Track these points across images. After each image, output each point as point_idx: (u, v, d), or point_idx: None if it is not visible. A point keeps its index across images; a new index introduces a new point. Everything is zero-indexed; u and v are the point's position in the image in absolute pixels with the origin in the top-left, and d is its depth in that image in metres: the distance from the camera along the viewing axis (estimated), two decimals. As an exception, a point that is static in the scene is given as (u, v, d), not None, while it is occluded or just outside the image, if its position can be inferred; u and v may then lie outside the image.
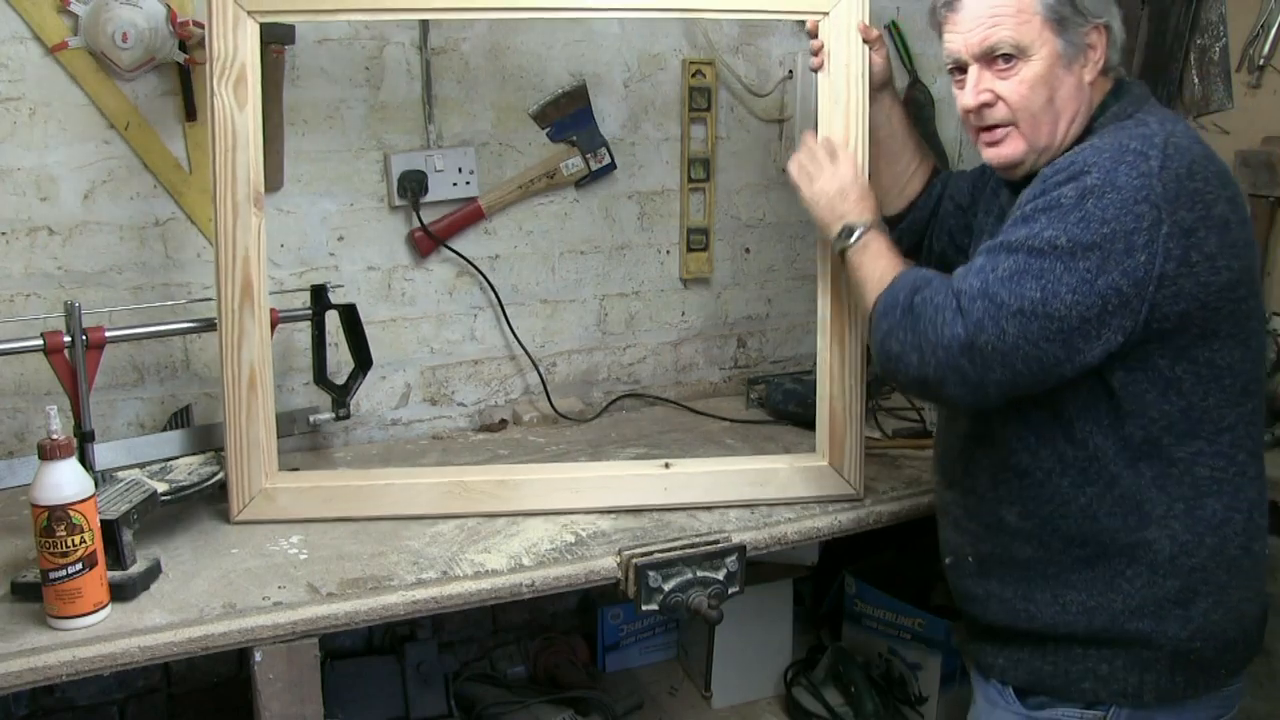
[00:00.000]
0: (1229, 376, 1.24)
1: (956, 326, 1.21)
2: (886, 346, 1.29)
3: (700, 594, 1.54)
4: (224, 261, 1.62)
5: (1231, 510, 1.26)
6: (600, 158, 2.22)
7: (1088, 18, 1.29)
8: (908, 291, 1.29)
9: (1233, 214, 1.21)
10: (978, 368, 1.20)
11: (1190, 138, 1.24)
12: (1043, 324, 1.17)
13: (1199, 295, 1.18)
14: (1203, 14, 2.03)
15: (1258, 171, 1.92)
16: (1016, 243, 1.21)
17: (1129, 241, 1.15)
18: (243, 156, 1.60)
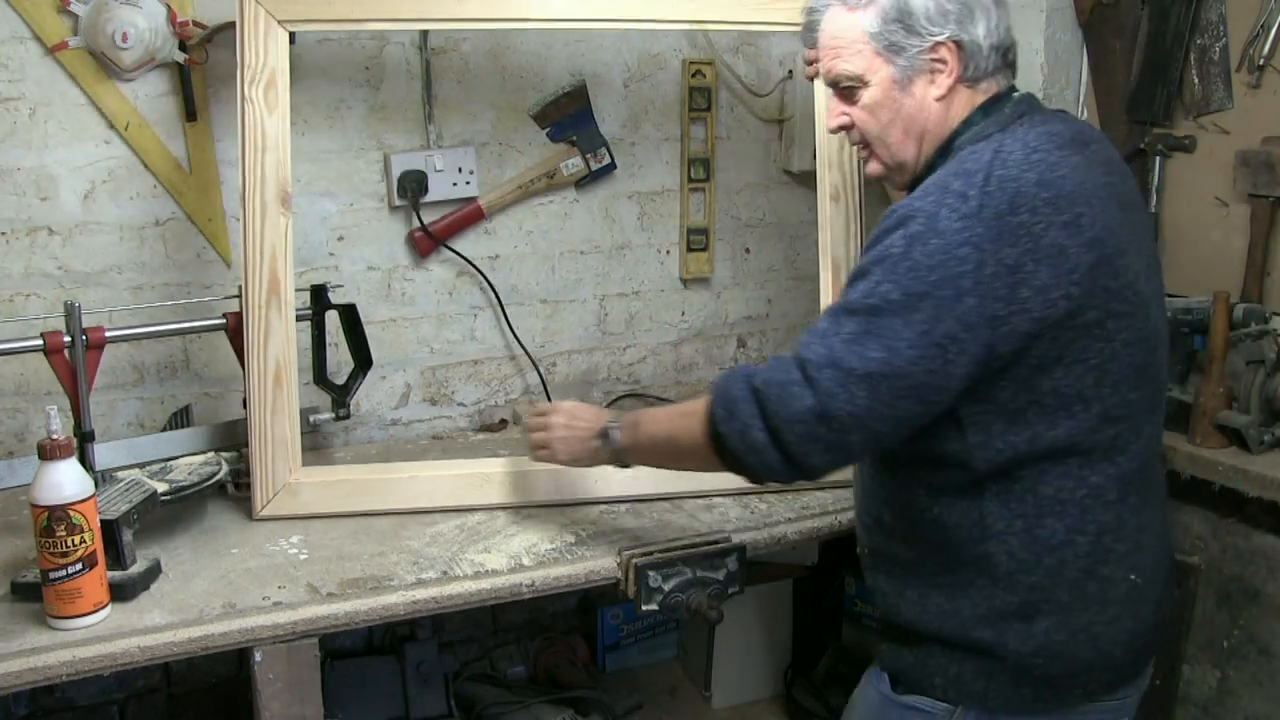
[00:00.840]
0: (1079, 403, 1.21)
1: (806, 399, 1.18)
2: (747, 442, 1.23)
3: (700, 594, 1.54)
4: (252, 259, 1.64)
5: (1074, 533, 1.24)
6: (600, 158, 2.22)
7: (925, 37, 1.27)
8: (741, 384, 1.25)
9: (1070, 238, 1.17)
10: (836, 433, 1.19)
11: (1023, 165, 1.19)
12: (892, 384, 1.16)
13: (1033, 330, 1.16)
14: (1203, 14, 2.02)
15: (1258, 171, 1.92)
16: (855, 303, 1.19)
17: (956, 286, 1.14)
18: (272, 158, 1.64)
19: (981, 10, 1.28)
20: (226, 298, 1.88)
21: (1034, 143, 1.22)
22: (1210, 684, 1.92)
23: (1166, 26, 2.07)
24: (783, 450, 1.21)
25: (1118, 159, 1.33)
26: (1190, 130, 2.08)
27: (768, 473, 1.25)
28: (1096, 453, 1.23)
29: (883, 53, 1.29)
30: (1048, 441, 1.22)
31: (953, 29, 1.27)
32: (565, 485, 1.73)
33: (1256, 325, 1.84)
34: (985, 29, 1.28)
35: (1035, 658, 1.26)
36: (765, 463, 1.23)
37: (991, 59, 1.29)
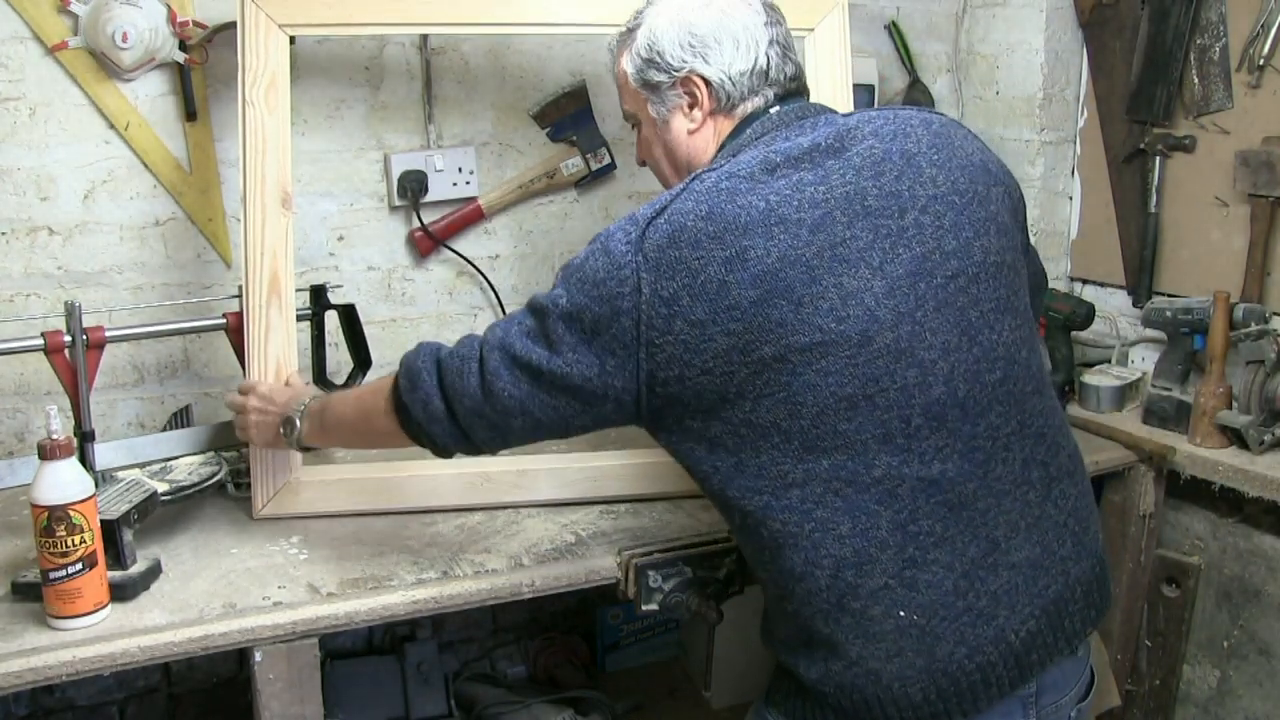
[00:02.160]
0: (778, 435, 1.17)
1: (476, 376, 1.25)
2: (428, 411, 1.29)
3: (700, 594, 1.54)
4: (252, 259, 1.65)
5: (811, 567, 1.19)
6: (600, 158, 2.22)
7: (671, 73, 1.32)
8: (427, 357, 1.31)
9: (731, 273, 1.14)
10: (499, 414, 1.24)
11: (701, 196, 1.17)
12: (552, 380, 1.20)
13: (694, 361, 1.16)
14: (1203, 14, 2.03)
15: (1257, 171, 1.92)
16: (539, 301, 1.23)
17: (613, 306, 1.17)
18: (272, 159, 1.64)
19: (729, 39, 1.29)
20: (226, 298, 1.89)
21: (738, 169, 1.20)
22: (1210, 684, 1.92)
23: (1166, 26, 2.07)
24: (455, 422, 1.28)
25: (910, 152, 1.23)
26: (1190, 130, 2.08)
27: (447, 441, 1.31)
28: (815, 484, 1.18)
29: (643, 91, 1.36)
30: (755, 470, 1.20)
31: (696, 63, 1.30)
32: (568, 485, 1.72)
33: (1256, 325, 1.84)
34: (733, 57, 1.29)
35: (823, 686, 1.23)
36: (443, 431, 1.30)
37: (744, 84, 1.30)
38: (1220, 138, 2.03)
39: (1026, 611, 1.22)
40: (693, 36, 1.30)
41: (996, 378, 1.22)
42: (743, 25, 1.30)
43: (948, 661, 1.20)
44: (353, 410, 1.46)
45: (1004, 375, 1.23)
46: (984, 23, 2.42)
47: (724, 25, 1.30)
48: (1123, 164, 2.20)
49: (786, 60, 1.33)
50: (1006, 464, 1.23)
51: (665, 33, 1.32)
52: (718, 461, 1.22)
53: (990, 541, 1.21)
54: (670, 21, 1.32)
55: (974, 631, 1.20)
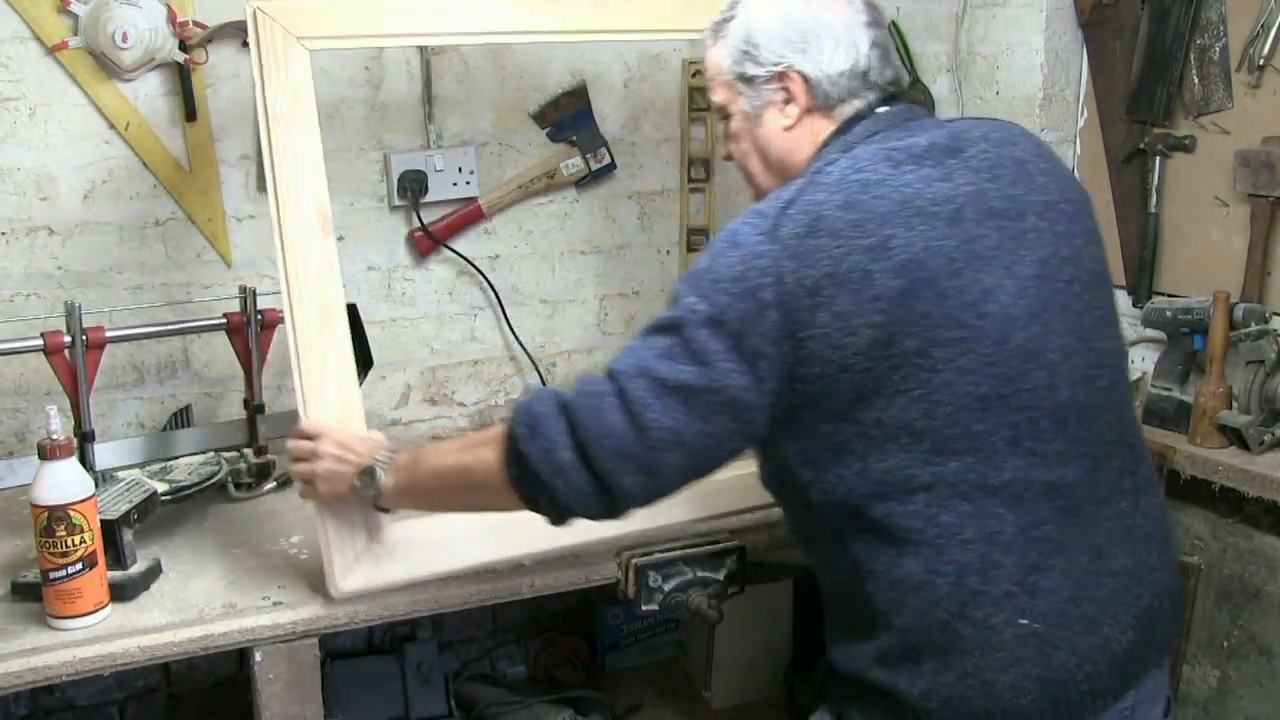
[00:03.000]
0: (908, 436, 1.13)
1: (619, 411, 1.12)
2: (553, 462, 1.14)
3: (700, 594, 1.54)
4: (298, 289, 1.47)
5: (932, 574, 1.15)
6: (600, 158, 2.22)
7: (768, 67, 1.27)
8: (547, 401, 1.17)
9: (875, 262, 1.11)
10: (650, 450, 1.13)
11: (834, 187, 1.15)
12: (706, 398, 1.12)
13: (835, 358, 1.11)
14: (1203, 14, 2.02)
15: (1257, 171, 1.92)
16: (665, 320, 1.15)
17: (758, 299, 1.11)
18: (306, 178, 1.50)
19: (829, 37, 1.26)
20: (227, 298, 1.89)
21: (862, 163, 1.18)
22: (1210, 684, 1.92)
23: (1166, 26, 2.07)
24: (592, 470, 1.13)
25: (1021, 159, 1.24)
26: (1190, 130, 2.08)
27: (574, 499, 1.16)
28: (942, 488, 1.15)
29: (736, 84, 1.31)
30: (880, 474, 1.15)
31: (795, 59, 1.26)
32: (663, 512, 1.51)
33: (1256, 325, 1.84)
34: (833, 56, 1.26)
35: (927, 701, 1.17)
36: (572, 486, 1.14)
37: (844, 84, 1.27)
38: (1220, 138, 2.03)
39: (1125, 621, 1.20)
40: (792, 30, 1.26)
41: (1105, 384, 1.22)
42: (843, 23, 1.26)
43: (1061, 670, 1.16)
44: (451, 464, 1.29)
45: (1110, 383, 1.23)
46: (984, 23, 2.42)
47: (823, 21, 1.26)
48: (1123, 164, 2.20)
49: (886, 64, 1.29)
50: (1108, 472, 1.22)
51: (763, 25, 1.28)
52: (843, 469, 1.16)
53: (1095, 549, 1.19)
54: (769, 14, 1.28)
55: (1084, 640, 1.17)
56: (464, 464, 1.27)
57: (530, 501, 1.19)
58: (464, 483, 1.27)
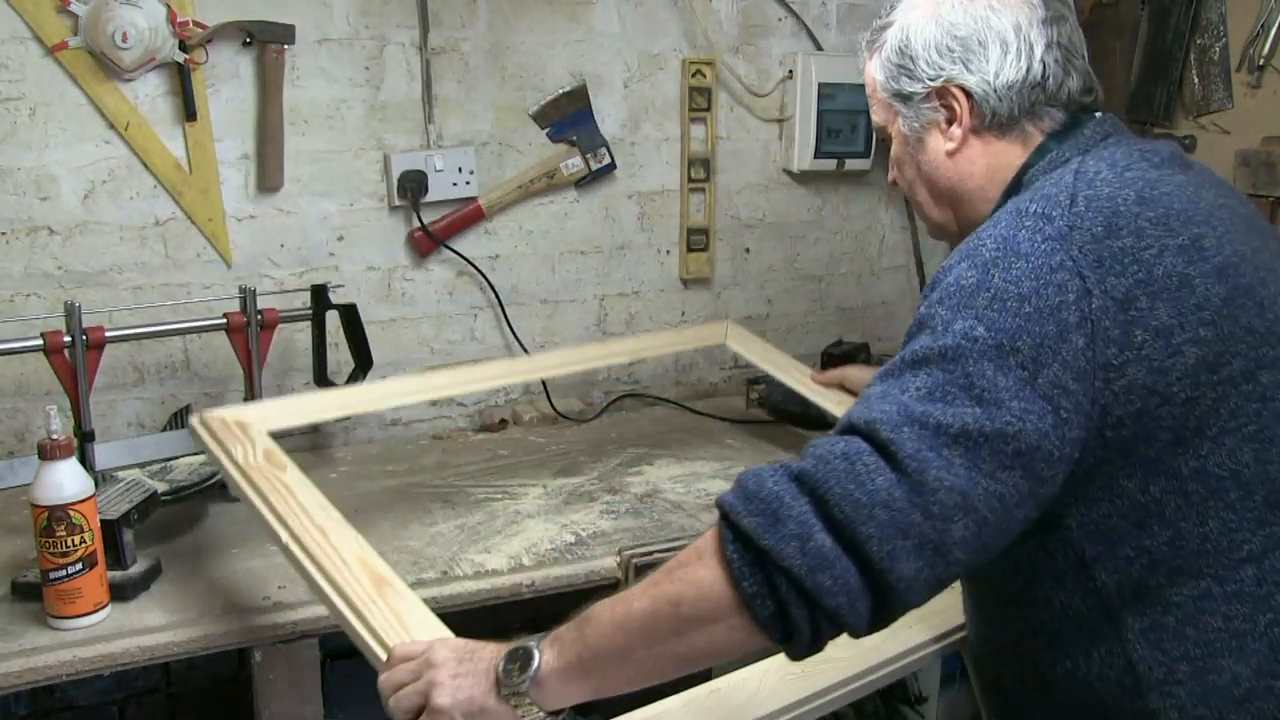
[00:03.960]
0: (1237, 489, 0.91)
1: (886, 471, 0.83)
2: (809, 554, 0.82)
3: (700, 594, 1.54)
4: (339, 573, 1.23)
5: (1267, 676, 0.91)
6: (600, 158, 2.22)
7: (925, 82, 1.09)
8: (776, 476, 0.86)
9: (1191, 265, 0.91)
10: (934, 521, 0.82)
11: (1115, 182, 0.96)
12: (994, 448, 0.85)
13: (1157, 386, 0.89)
14: (1203, 14, 2.03)
15: (1258, 171, 1.93)
16: (924, 352, 0.89)
17: (1058, 320, 0.87)
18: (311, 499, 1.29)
19: (996, 43, 1.06)
20: (227, 298, 1.89)
21: (1123, 160, 0.99)
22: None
23: (1166, 26, 2.07)
24: (858, 557, 0.82)
25: (1229, 183, 1.09)
26: (1190, 130, 2.08)
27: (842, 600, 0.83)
28: (1275, 555, 0.92)
29: (893, 103, 1.13)
30: (1196, 544, 0.92)
31: (955, 71, 1.07)
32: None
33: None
34: (1000, 64, 1.06)
35: None
36: (839, 581, 0.82)
37: (1014, 98, 1.06)
38: (1220, 138, 2.03)
39: None
40: (953, 39, 1.07)
41: None
42: (1013, 25, 1.06)
43: None
44: (645, 604, 0.91)
45: None
46: (984, 23, 2.42)
47: (990, 24, 1.06)
48: (1123, 164, 2.21)
49: (1070, 69, 1.07)
50: None
51: (920, 33, 1.09)
52: (1147, 539, 0.92)
53: None
54: (927, 19, 1.09)
55: None
56: (665, 597, 0.89)
57: (774, 621, 0.85)
58: (669, 625, 0.89)
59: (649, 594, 0.91)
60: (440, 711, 0.98)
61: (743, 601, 0.85)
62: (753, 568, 0.84)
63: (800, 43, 2.39)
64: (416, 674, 1.02)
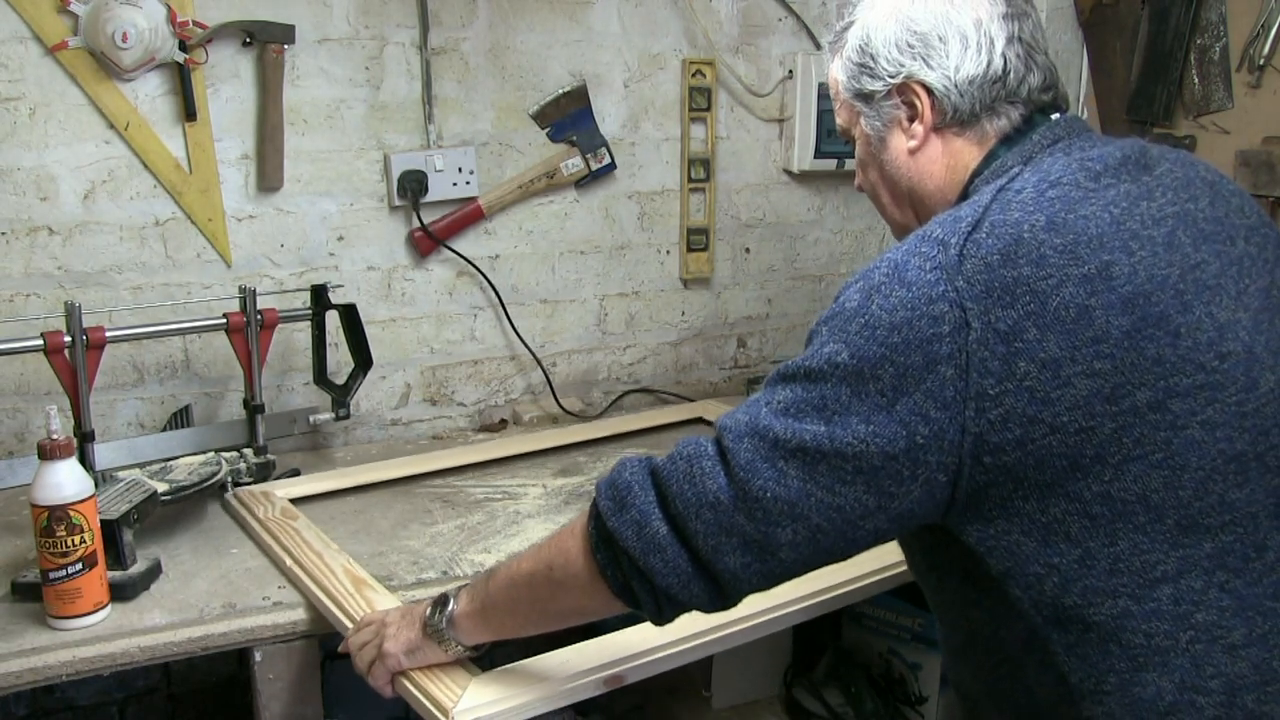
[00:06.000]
0: (1146, 512, 0.91)
1: (719, 475, 0.93)
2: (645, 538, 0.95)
3: (700, 594, 1.54)
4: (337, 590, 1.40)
5: (1190, 691, 0.92)
6: (600, 158, 2.22)
7: (886, 79, 1.08)
8: (636, 468, 0.99)
9: (1095, 296, 0.90)
10: (759, 524, 0.92)
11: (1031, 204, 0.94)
12: (833, 464, 0.90)
13: (1042, 416, 0.89)
14: (1203, 14, 2.03)
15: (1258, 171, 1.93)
16: (793, 368, 0.95)
17: (927, 352, 0.89)
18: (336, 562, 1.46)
19: (956, 37, 1.05)
20: (227, 298, 1.89)
21: (1057, 174, 0.97)
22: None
23: (1166, 26, 2.07)
24: (689, 547, 0.94)
25: (1208, 179, 1.05)
26: (1190, 130, 2.08)
27: (674, 582, 0.96)
28: (1194, 577, 0.92)
29: (855, 103, 1.13)
30: (1108, 564, 0.92)
31: (915, 67, 1.07)
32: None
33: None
34: (960, 59, 1.05)
35: None
36: (671, 565, 0.95)
37: (975, 93, 1.06)
38: (1220, 138, 2.03)
39: None
40: (913, 35, 1.07)
41: None
42: (974, 19, 1.06)
43: None
44: (529, 567, 1.09)
45: None
46: (984, 23, 2.42)
47: (950, 19, 1.06)
48: (1123, 164, 2.21)
49: (1031, 65, 1.07)
50: None
51: (880, 30, 1.09)
52: (1054, 557, 0.93)
53: None
54: (887, 17, 1.09)
55: None
56: (544, 561, 1.07)
57: (625, 593, 1.00)
58: (545, 586, 1.06)
59: (534, 556, 1.09)
60: (388, 655, 1.20)
61: (597, 572, 1.01)
62: (604, 544, 1.00)
63: (800, 43, 2.39)
64: (374, 634, 1.23)
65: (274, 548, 1.53)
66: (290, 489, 1.76)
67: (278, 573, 1.49)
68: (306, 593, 1.42)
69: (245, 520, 1.64)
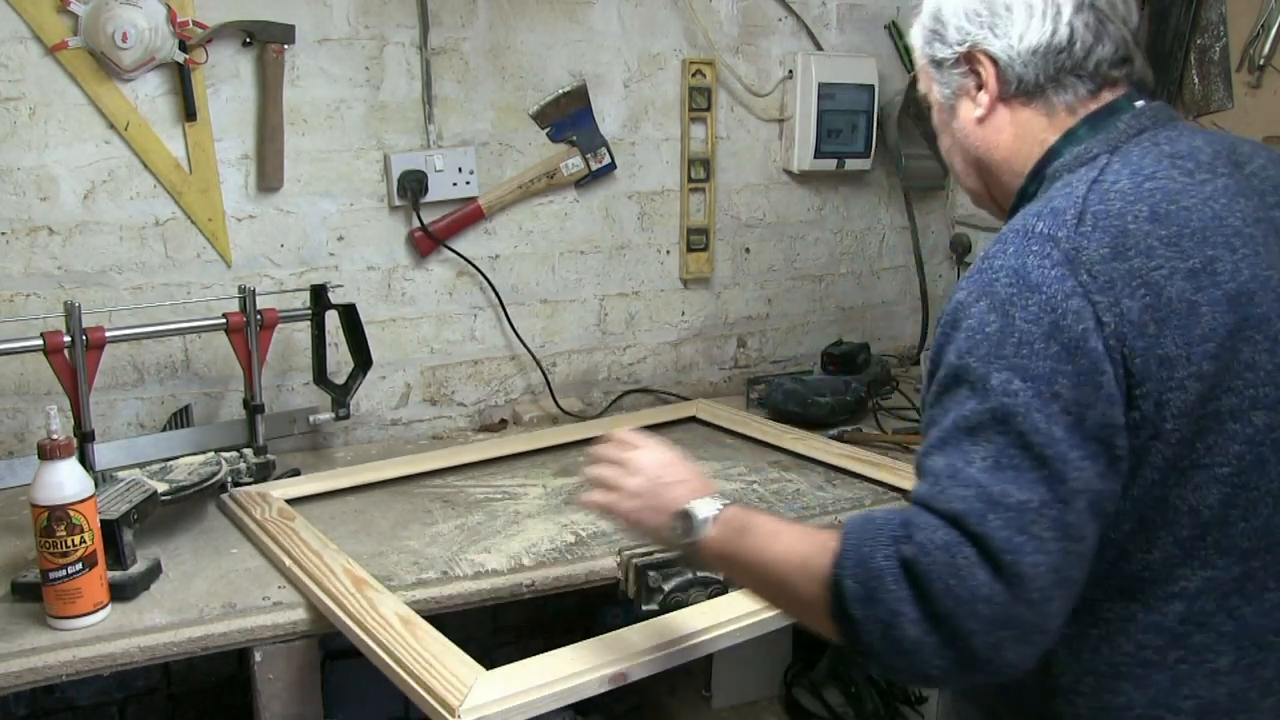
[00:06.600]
0: (1192, 526, 0.88)
1: (982, 565, 0.83)
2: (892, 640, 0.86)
3: (700, 594, 1.54)
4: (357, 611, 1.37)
5: (1160, 708, 0.91)
6: (600, 158, 2.22)
7: (953, 46, 1.06)
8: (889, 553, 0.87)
9: (1202, 291, 0.87)
10: (1036, 606, 0.83)
11: (1131, 195, 0.91)
12: (1074, 508, 0.84)
13: (1153, 418, 0.86)
14: (1203, 14, 2.03)
15: (1258, 171, 1.93)
16: (968, 419, 0.87)
17: (1088, 352, 0.85)
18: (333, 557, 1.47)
19: (1023, 6, 1.01)
20: (227, 298, 1.89)
21: (1150, 166, 0.94)
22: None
23: (1166, 26, 2.07)
24: (959, 647, 0.84)
25: None
26: (1190, 130, 2.08)
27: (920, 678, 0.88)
28: (1209, 598, 0.90)
29: (929, 69, 1.11)
30: (1138, 569, 0.90)
31: (981, 35, 1.04)
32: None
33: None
34: (1025, 28, 1.01)
35: None
36: (920, 664, 0.85)
37: (1038, 64, 1.02)
38: (1220, 138, 2.03)
39: None
40: (980, 3, 1.03)
41: None
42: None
43: None
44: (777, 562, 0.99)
45: None
46: (984, 23, 2.42)
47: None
48: (1123, 164, 2.21)
49: (1103, 35, 1.00)
50: None
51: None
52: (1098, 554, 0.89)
53: None
54: None
55: None
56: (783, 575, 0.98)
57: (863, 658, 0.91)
58: (782, 590, 1.00)
59: (782, 551, 0.98)
60: (616, 510, 1.16)
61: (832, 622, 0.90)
62: (845, 624, 0.89)
63: (800, 43, 2.39)
64: (614, 480, 1.17)
65: (272, 549, 1.53)
66: (290, 489, 1.76)
67: (277, 573, 1.49)
68: (306, 593, 1.42)
69: (243, 521, 1.64)
